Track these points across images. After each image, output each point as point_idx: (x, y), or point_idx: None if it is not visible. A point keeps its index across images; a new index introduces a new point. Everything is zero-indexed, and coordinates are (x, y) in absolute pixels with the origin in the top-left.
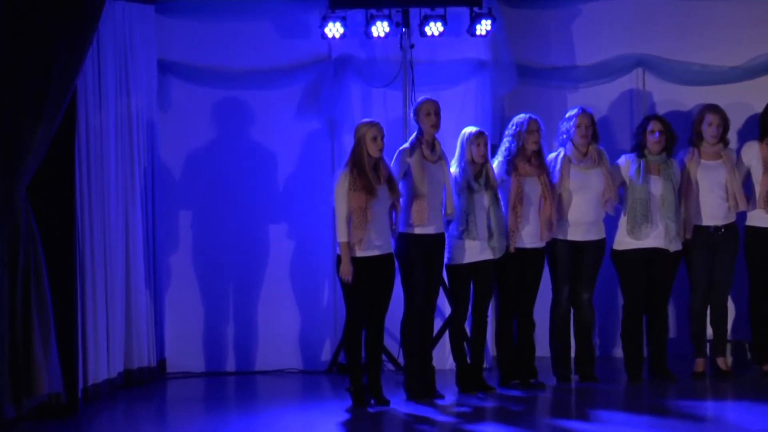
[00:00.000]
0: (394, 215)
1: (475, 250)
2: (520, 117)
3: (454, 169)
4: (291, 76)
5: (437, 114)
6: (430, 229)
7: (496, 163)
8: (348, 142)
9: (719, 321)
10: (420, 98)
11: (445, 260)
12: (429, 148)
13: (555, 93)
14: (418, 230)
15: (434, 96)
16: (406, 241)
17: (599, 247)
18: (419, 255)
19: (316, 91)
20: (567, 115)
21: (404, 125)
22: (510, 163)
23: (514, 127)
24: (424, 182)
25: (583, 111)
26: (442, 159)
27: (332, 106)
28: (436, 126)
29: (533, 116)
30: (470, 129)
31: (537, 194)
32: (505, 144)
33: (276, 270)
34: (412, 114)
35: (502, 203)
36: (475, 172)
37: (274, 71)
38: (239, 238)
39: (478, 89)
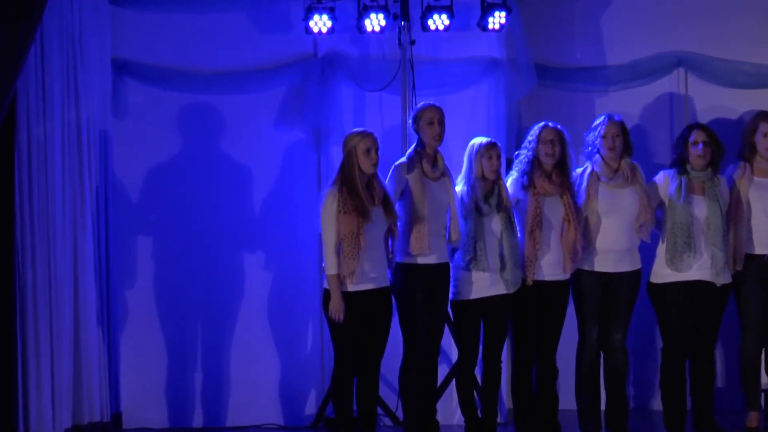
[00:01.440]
0: (390, 242)
1: (486, 284)
2: (538, 126)
3: (460, 187)
4: (270, 78)
5: (441, 123)
6: (432, 259)
7: (510, 181)
8: (337, 156)
9: None
10: (421, 104)
11: (451, 295)
12: (430, 163)
13: (581, 98)
14: (418, 260)
15: (438, 101)
16: (405, 273)
17: (633, 279)
18: (420, 289)
19: (300, 95)
20: (594, 124)
21: (403, 136)
22: (527, 180)
23: (530, 137)
24: (425, 203)
25: (611, 119)
26: (446, 176)
27: (318, 113)
28: (440, 137)
29: (550, 124)
30: (480, 140)
31: (559, 217)
32: (521, 157)
33: (252, 307)
34: (411, 122)
35: (517, 227)
36: (486, 190)
37: (250, 72)
38: (209, 270)
39: (489, 93)
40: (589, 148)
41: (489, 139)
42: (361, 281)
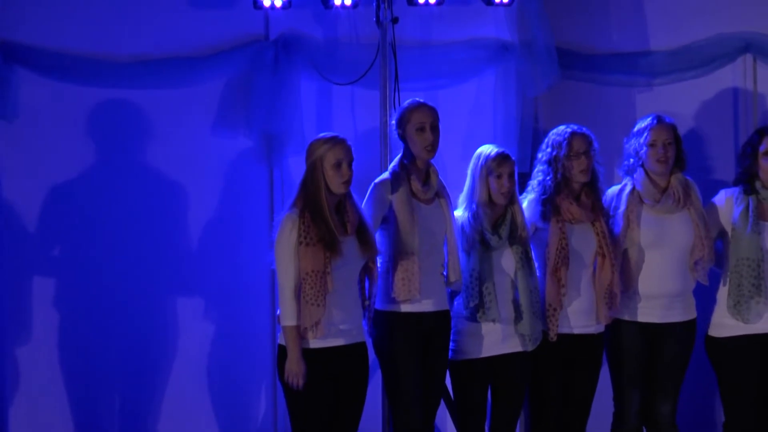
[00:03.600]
0: (368, 284)
1: (495, 339)
2: (561, 131)
3: (461, 212)
4: (207, 67)
5: (435, 128)
6: (424, 306)
7: (526, 203)
8: (296, 170)
9: None
10: (408, 102)
11: (450, 354)
12: (421, 179)
13: (617, 93)
14: (405, 307)
15: (429, 98)
16: (388, 325)
17: (687, 333)
18: (408, 346)
19: (246, 90)
20: (636, 128)
21: (383, 143)
22: (548, 203)
23: (551, 148)
24: (415, 233)
25: (660, 121)
26: (442, 196)
27: (271, 113)
28: (433, 147)
29: (580, 129)
30: (488, 150)
31: (590, 251)
32: (539, 174)
33: (187, 369)
34: (395, 126)
35: (536, 265)
36: (495, 217)
37: (181, 60)
38: (130, 321)
39: (497, 87)
40: (630, 160)
41: (499, 149)
42: (329, 335)
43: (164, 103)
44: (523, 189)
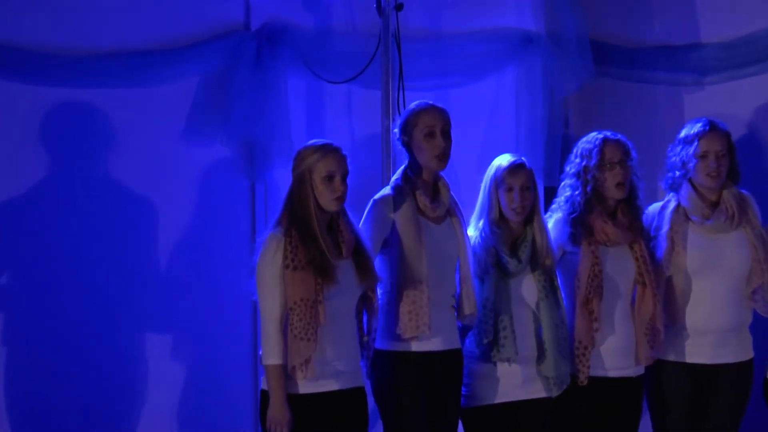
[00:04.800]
0: (366, 317)
1: (514, 382)
2: (592, 138)
3: (475, 231)
4: (178, 62)
5: (446, 134)
6: (433, 344)
7: (552, 223)
8: (282, 183)
9: None
10: (415, 104)
11: (462, 400)
12: (429, 194)
13: (662, 93)
14: (412, 345)
15: (440, 99)
16: (391, 366)
17: (742, 375)
18: (414, 391)
19: (224, 89)
20: (683, 135)
21: (385, 151)
22: (578, 223)
23: (580, 158)
24: (422, 258)
25: (714, 128)
26: (454, 214)
27: (252, 116)
28: (444, 156)
29: (614, 136)
30: (504, 160)
31: (628, 279)
32: (566, 188)
33: (153, 419)
34: (398, 132)
35: (563, 295)
36: (512, 237)
37: (148, 54)
38: (89, 362)
39: (520, 86)
40: (675, 173)
41: (514, 158)
42: (321, 377)
43: (128, 104)
44: (548, 206)
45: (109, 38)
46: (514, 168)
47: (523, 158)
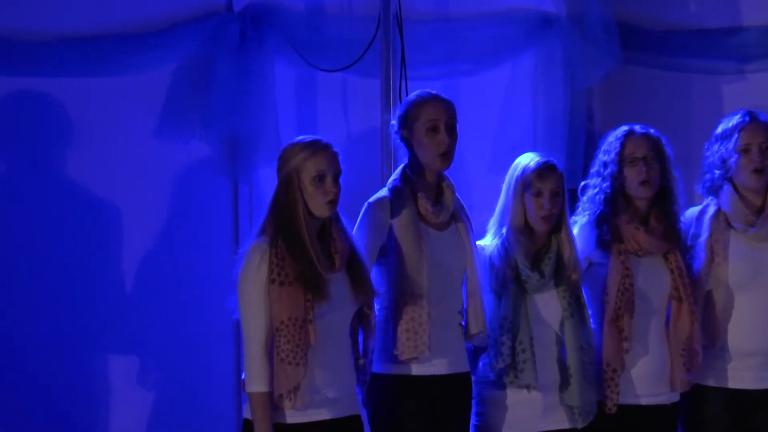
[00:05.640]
0: (361, 337)
1: (534, 411)
2: (618, 132)
3: (490, 239)
4: (150, 49)
5: (450, 128)
6: (436, 367)
7: (577, 229)
8: (270, 185)
9: None
10: (415, 94)
11: (473, 431)
12: (431, 197)
13: (697, 82)
14: (412, 368)
15: (448, 89)
16: (389, 393)
17: None
18: (416, 420)
19: (203, 78)
20: (721, 129)
21: (385, 149)
22: (606, 229)
23: (603, 152)
24: (423, 269)
25: (755, 120)
26: (460, 220)
27: (235, 109)
28: (448, 153)
29: (642, 129)
30: (526, 160)
31: (662, 293)
32: (593, 188)
33: None
34: (396, 126)
35: (589, 313)
36: (535, 247)
37: (114, 38)
38: (41, 389)
39: (537, 74)
40: (715, 172)
41: (542, 158)
42: (312, 405)
43: (94, 95)
44: (572, 212)
45: (71, 21)
46: (543, 170)
47: (552, 159)
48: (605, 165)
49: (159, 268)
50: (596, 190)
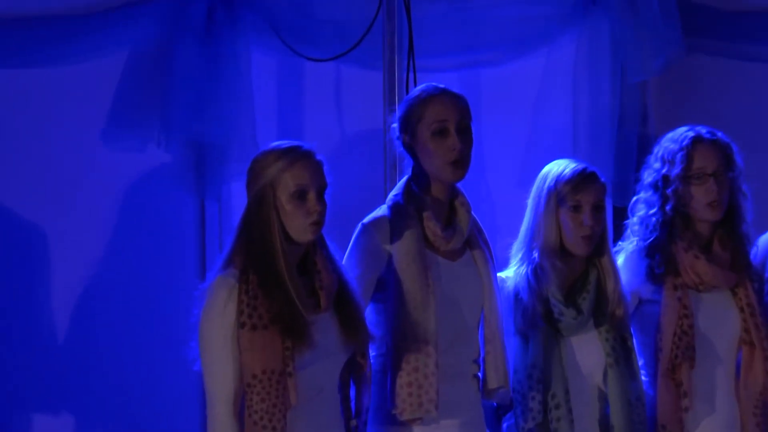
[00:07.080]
0: (353, 393)
1: None
2: (679, 135)
3: (514, 269)
4: (97, 32)
5: (463, 130)
6: (444, 429)
7: (623, 259)
8: (241, 199)
9: None
10: (419, 89)
11: None
12: (441, 217)
13: None
14: (414, 429)
15: (465, 82)
16: None
17: None
18: None
19: (162, 69)
20: None
21: (389, 156)
22: (657, 255)
23: (661, 162)
24: (430, 308)
25: None
26: (476, 247)
27: (202, 107)
28: (461, 162)
29: (711, 134)
30: (559, 168)
31: (730, 337)
32: (641, 206)
33: None
34: (397, 128)
35: (639, 359)
36: (571, 277)
37: (56, 21)
38: None
39: (579, 66)
40: None
41: (579, 165)
42: None
43: (28, 89)
44: (617, 236)
45: (10, 2)
46: (582, 178)
47: (590, 166)
48: (666, 180)
49: (102, 309)
50: (654, 210)
